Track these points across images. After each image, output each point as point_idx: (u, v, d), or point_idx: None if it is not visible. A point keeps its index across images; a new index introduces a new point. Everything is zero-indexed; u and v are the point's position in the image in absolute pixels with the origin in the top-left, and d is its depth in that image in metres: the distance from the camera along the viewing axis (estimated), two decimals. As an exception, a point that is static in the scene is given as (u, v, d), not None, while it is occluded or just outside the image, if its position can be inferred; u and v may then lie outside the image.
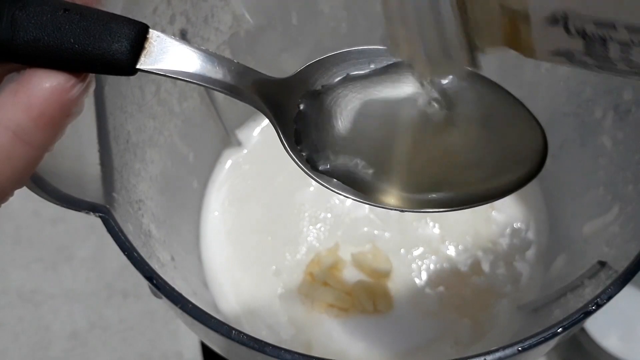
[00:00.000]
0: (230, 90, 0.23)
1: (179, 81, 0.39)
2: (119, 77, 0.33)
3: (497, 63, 0.46)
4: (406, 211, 0.27)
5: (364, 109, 0.27)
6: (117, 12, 0.31)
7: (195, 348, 0.49)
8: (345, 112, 0.27)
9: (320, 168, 0.26)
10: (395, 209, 0.27)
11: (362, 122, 0.27)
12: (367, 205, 0.46)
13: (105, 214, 0.28)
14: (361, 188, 0.27)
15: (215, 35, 0.42)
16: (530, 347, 0.26)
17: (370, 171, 0.27)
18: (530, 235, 0.45)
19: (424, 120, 0.27)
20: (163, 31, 0.37)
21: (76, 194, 0.27)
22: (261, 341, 0.25)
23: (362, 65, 0.27)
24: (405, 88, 0.27)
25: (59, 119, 0.20)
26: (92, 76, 0.21)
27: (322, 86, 0.26)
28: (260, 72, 0.25)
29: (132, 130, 0.35)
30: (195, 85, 0.42)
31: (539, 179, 0.47)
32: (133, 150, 0.35)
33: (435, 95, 0.26)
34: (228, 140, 0.49)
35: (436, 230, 0.45)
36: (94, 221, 0.28)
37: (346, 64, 0.27)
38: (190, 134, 0.43)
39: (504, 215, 0.46)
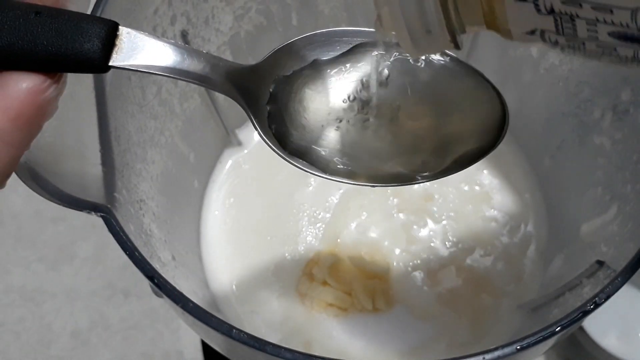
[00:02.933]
0: (202, 80, 0.24)
1: (179, 81, 0.40)
2: (119, 77, 0.33)
3: (496, 64, 0.46)
4: (376, 186, 0.28)
5: (331, 90, 0.28)
6: (118, 14, 0.31)
7: (196, 347, 0.50)
8: (313, 95, 0.28)
9: (292, 149, 0.27)
10: (364, 185, 0.28)
11: (330, 102, 0.28)
12: (366, 205, 0.46)
13: (106, 213, 0.28)
14: (331, 166, 0.28)
15: (216, 36, 0.42)
16: (529, 345, 0.26)
17: (339, 150, 0.28)
18: (529, 234, 0.45)
19: (386, 98, 0.28)
20: (164, 32, 0.37)
21: (78, 193, 0.27)
22: (261, 340, 0.26)
23: (328, 46, 0.28)
24: (367, 68, 0.28)
25: (35, 119, 0.21)
26: (65, 76, 0.22)
27: (293, 71, 0.27)
28: (230, 61, 0.25)
29: (133, 131, 0.35)
30: (195, 86, 0.42)
31: (538, 179, 0.48)
32: (134, 151, 0.35)
33: (388, 72, 0.28)
34: (228, 140, 0.49)
35: (436, 230, 0.45)
36: (95, 221, 0.28)
37: (313, 46, 0.28)
38: (191, 134, 0.43)
39: (502, 215, 0.46)
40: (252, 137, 0.49)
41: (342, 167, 0.28)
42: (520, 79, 0.45)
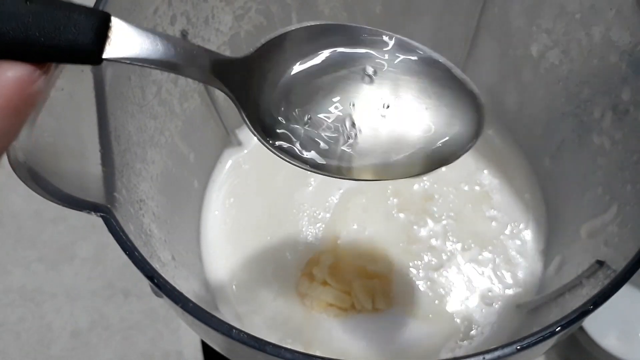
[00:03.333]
0: (193, 73, 0.24)
1: (179, 81, 0.40)
2: (119, 77, 0.33)
3: (496, 64, 0.46)
4: (361, 180, 0.28)
5: (323, 85, 0.28)
6: (117, 14, 0.31)
7: (196, 347, 0.50)
8: (305, 89, 0.28)
9: (281, 143, 0.27)
10: (351, 179, 0.28)
11: (322, 98, 0.28)
12: (366, 205, 0.46)
13: (106, 213, 0.28)
14: (322, 162, 0.28)
15: (216, 35, 0.42)
16: (529, 346, 0.26)
17: (327, 143, 0.28)
18: (529, 234, 0.45)
19: (375, 95, 0.28)
20: (164, 32, 0.37)
21: (78, 193, 0.27)
22: (261, 340, 0.26)
23: (322, 40, 0.28)
24: (358, 65, 0.28)
25: (24, 108, 0.20)
26: (55, 66, 0.21)
27: (285, 64, 0.27)
28: (221, 54, 0.25)
29: (133, 131, 0.35)
30: (195, 86, 0.42)
31: (538, 179, 0.48)
32: (134, 150, 0.35)
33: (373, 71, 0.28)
34: (228, 140, 0.49)
35: (436, 230, 0.45)
36: (95, 221, 0.28)
37: (306, 38, 0.28)
38: (190, 134, 0.43)
39: (503, 215, 0.46)
40: (252, 137, 0.49)
41: (332, 162, 0.28)
42: (520, 79, 0.45)
